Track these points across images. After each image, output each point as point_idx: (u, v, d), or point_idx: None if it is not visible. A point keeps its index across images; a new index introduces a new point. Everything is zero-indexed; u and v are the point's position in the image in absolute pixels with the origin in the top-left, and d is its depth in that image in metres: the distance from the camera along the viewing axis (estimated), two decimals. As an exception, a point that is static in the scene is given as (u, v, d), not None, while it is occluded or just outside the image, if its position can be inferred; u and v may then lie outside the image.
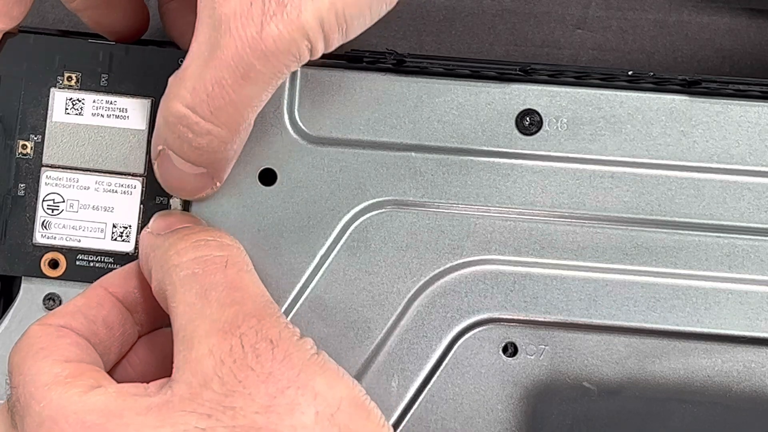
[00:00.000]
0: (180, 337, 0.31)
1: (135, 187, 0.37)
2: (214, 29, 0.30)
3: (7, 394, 0.32)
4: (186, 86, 0.31)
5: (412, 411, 0.37)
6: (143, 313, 0.35)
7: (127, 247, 0.37)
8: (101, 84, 0.37)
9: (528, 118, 0.37)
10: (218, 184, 0.35)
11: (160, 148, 0.33)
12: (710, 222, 0.37)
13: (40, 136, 0.37)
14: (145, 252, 0.35)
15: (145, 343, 0.36)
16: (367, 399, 0.31)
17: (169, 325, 0.33)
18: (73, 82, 0.37)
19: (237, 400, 0.29)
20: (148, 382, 0.31)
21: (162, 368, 0.35)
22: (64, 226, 0.37)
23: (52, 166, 0.37)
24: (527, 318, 0.37)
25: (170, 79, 0.32)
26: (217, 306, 0.31)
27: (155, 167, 0.34)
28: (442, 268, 0.37)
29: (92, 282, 0.35)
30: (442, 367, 0.37)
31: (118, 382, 0.32)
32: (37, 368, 0.31)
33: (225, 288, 0.32)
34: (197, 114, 0.31)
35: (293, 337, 0.31)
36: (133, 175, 0.37)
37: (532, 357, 0.37)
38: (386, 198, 0.37)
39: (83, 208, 0.37)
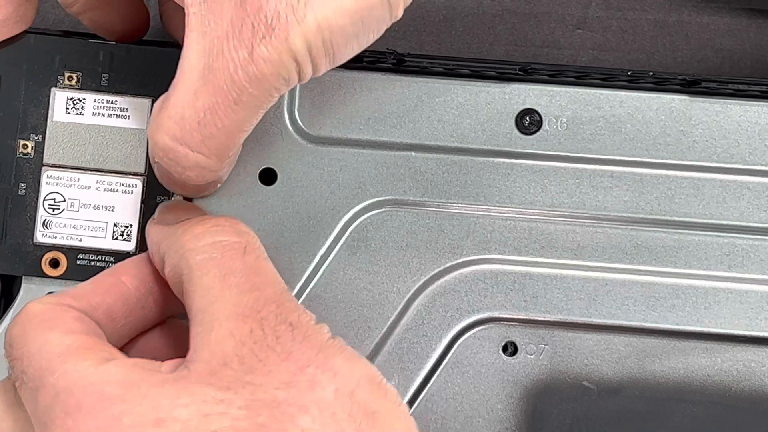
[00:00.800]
0: (198, 319, 0.31)
1: (136, 187, 0.37)
2: (205, 53, 0.30)
3: (9, 370, 0.32)
4: (172, 116, 0.31)
5: (412, 411, 0.37)
6: (153, 304, 0.35)
7: (128, 247, 0.37)
8: (102, 84, 0.37)
9: (528, 118, 0.37)
10: (218, 185, 0.35)
11: (156, 160, 0.33)
12: (710, 222, 0.37)
13: (41, 136, 0.37)
14: (156, 240, 0.34)
15: (158, 332, 0.35)
16: (384, 379, 0.31)
17: (178, 316, 0.33)
18: (73, 82, 0.37)
19: (257, 377, 0.29)
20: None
21: (173, 357, 0.35)
22: (65, 226, 0.37)
23: (52, 166, 0.37)
24: (527, 317, 0.37)
25: (155, 105, 0.32)
26: (236, 291, 0.31)
27: (155, 170, 0.34)
28: (442, 268, 0.37)
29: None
30: (442, 367, 0.37)
31: None
32: (44, 339, 0.31)
33: (244, 273, 0.32)
34: (186, 145, 0.31)
35: (311, 321, 0.31)
36: (134, 174, 0.37)
37: (532, 356, 0.37)
38: (386, 198, 0.37)
39: (84, 207, 0.37)
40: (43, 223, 0.37)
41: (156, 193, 0.37)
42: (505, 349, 0.37)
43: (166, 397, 0.29)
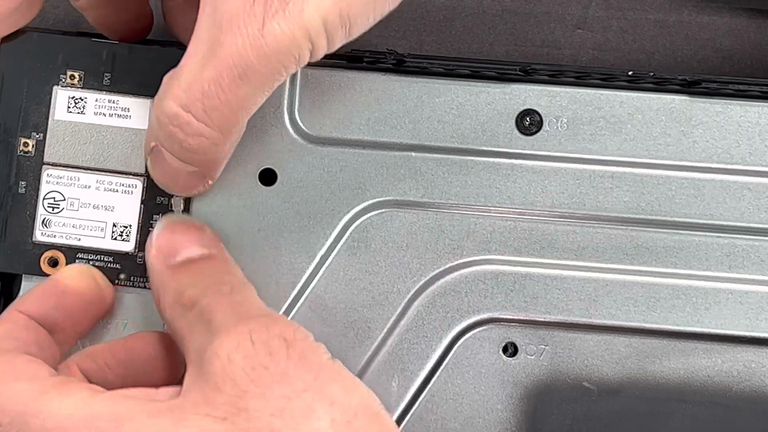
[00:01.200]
0: (195, 360, 0.31)
1: (136, 187, 0.37)
2: (216, 26, 0.30)
3: None
4: (180, 84, 0.31)
5: (412, 411, 0.37)
6: (61, 333, 0.35)
7: (127, 247, 0.37)
8: (104, 83, 0.37)
9: (528, 118, 0.37)
10: (210, 182, 0.35)
11: (152, 144, 0.33)
12: (710, 222, 0.37)
13: (42, 134, 0.37)
14: (155, 275, 0.34)
15: (123, 348, 0.35)
16: (382, 408, 0.30)
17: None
18: (75, 81, 0.37)
19: (250, 401, 0.28)
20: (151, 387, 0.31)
21: (143, 372, 0.34)
22: (64, 225, 0.37)
23: (53, 165, 0.37)
24: (527, 318, 0.37)
25: (165, 77, 0.32)
26: (221, 316, 0.31)
27: (148, 163, 0.34)
28: (442, 268, 0.37)
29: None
30: (442, 367, 0.37)
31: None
32: (14, 387, 0.30)
33: (229, 303, 0.32)
34: (190, 113, 0.31)
35: (308, 338, 0.30)
36: (134, 174, 0.37)
37: (532, 357, 0.37)
38: (386, 198, 0.37)
39: (84, 206, 0.37)
40: (43, 221, 0.37)
41: (156, 194, 0.37)
42: (505, 349, 0.37)
43: (161, 429, 0.28)
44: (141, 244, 0.37)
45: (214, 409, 0.28)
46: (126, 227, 0.37)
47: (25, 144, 0.37)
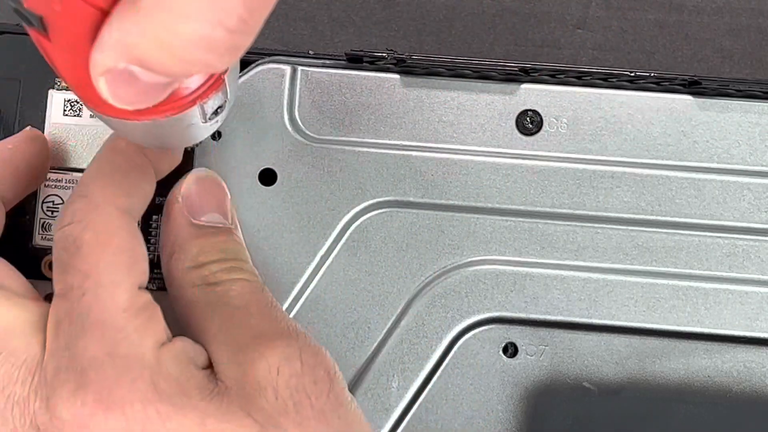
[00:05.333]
0: (219, 339, 0.30)
1: (135, 187, 0.37)
2: None
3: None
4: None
5: (412, 411, 0.37)
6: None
7: (127, 247, 0.37)
8: (100, 84, 0.37)
9: (528, 118, 0.37)
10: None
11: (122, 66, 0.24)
12: (710, 222, 0.37)
13: (40, 137, 0.37)
14: (174, 228, 0.33)
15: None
16: None
17: None
18: (72, 83, 0.37)
19: (289, 425, 0.28)
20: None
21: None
22: (64, 226, 0.37)
23: (51, 168, 0.37)
24: (527, 318, 0.37)
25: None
26: (261, 318, 0.31)
27: (102, 83, 0.25)
28: (442, 269, 0.37)
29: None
30: (442, 367, 0.37)
31: None
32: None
33: (267, 305, 0.31)
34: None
35: (343, 381, 0.31)
36: (133, 174, 0.37)
37: (532, 357, 0.37)
38: (386, 198, 0.37)
39: (83, 208, 0.37)
40: (42, 225, 0.37)
41: (155, 194, 0.37)
42: (505, 349, 0.37)
43: (211, 416, 0.28)
44: (141, 244, 0.37)
45: (255, 412, 0.28)
46: (126, 227, 0.37)
47: (23, 147, 0.37)
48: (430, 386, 0.37)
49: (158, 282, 0.36)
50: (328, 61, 0.37)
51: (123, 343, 0.29)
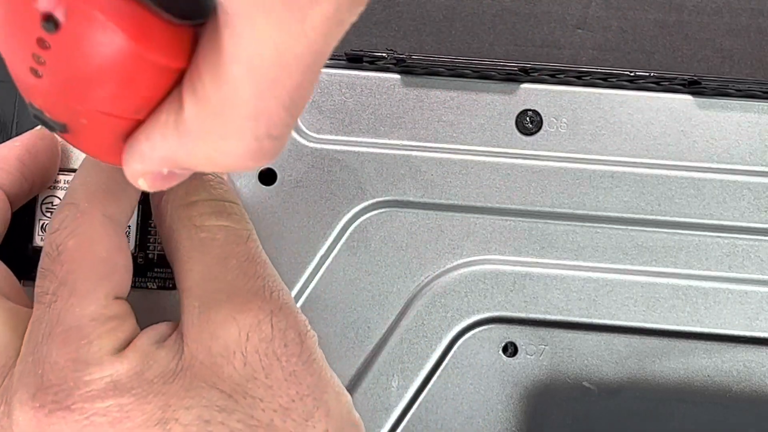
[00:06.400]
0: (193, 293, 0.30)
1: (135, 187, 0.37)
2: None
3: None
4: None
5: (412, 411, 0.37)
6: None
7: (127, 247, 0.37)
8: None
9: (528, 118, 0.37)
10: None
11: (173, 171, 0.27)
12: (710, 222, 0.37)
13: (40, 137, 0.37)
14: (161, 199, 0.32)
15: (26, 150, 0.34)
16: (359, 419, 0.31)
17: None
18: (72, 82, 0.37)
19: (258, 389, 0.28)
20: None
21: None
22: (64, 226, 0.37)
23: (52, 167, 0.37)
24: (527, 318, 0.37)
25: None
26: (239, 274, 0.30)
27: (140, 182, 0.27)
28: (442, 268, 0.37)
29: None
30: (442, 367, 0.37)
31: None
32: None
33: (247, 259, 0.31)
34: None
35: (315, 338, 0.30)
36: (133, 174, 0.37)
37: (532, 357, 0.37)
38: (386, 198, 0.37)
39: (83, 207, 0.37)
40: (42, 226, 0.37)
41: (156, 194, 0.37)
42: (505, 349, 0.37)
43: (173, 397, 0.28)
44: (140, 245, 0.37)
45: (220, 381, 0.28)
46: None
47: (23, 147, 0.37)
48: (430, 386, 0.37)
49: (158, 281, 0.36)
50: (328, 61, 0.37)
51: (84, 348, 0.29)
